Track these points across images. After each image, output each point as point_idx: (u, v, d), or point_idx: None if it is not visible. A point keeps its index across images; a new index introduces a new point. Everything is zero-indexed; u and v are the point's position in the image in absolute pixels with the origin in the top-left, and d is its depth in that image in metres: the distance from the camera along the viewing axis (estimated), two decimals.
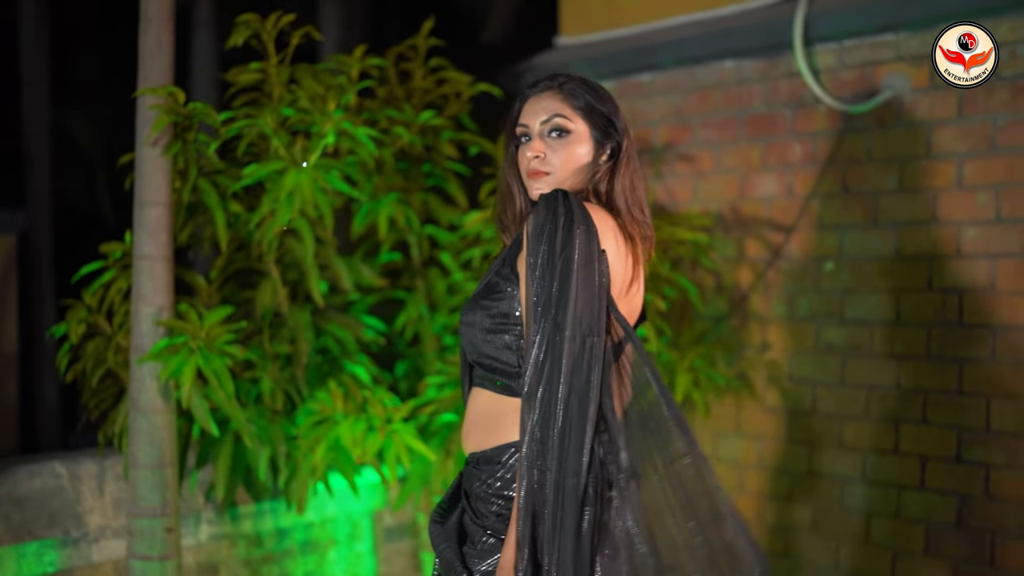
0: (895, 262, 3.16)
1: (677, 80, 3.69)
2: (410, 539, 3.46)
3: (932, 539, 3.07)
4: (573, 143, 1.88)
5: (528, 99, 1.93)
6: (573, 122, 1.88)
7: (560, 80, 1.92)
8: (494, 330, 1.85)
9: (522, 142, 1.92)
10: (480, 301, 1.87)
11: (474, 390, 1.93)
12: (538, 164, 1.87)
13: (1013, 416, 2.92)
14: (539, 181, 1.88)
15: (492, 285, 1.87)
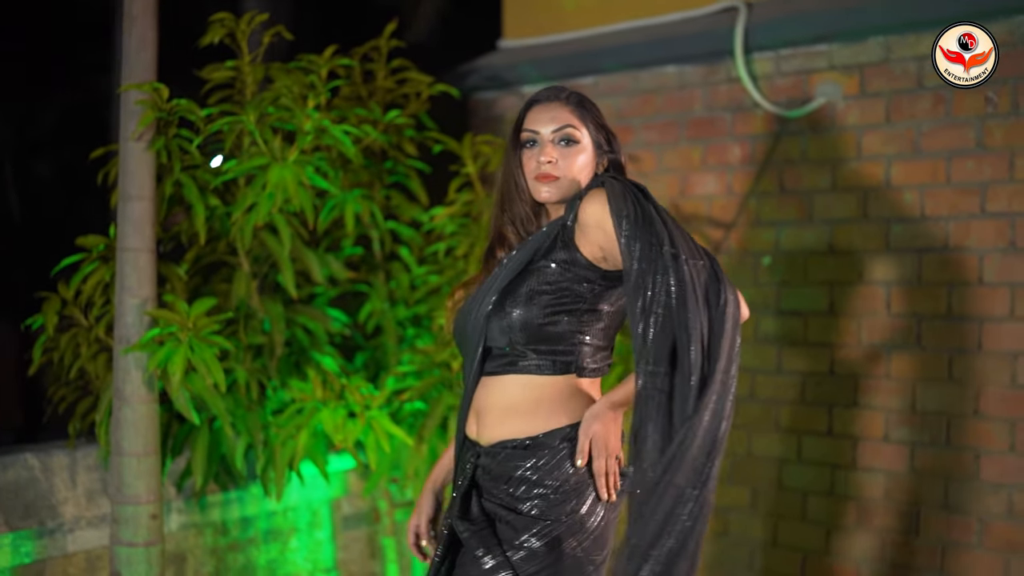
0: (828, 257, 3.39)
1: (620, 83, 3.86)
2: (367, 526, 3.55)
3: (863, 514, 3.31)
4: (579, 152, 2.04)
5: (534, 107, 2.08)
6: (580, 132, 2.04)
7: (565, 93, 2.09)
8: (556, 314, 1.98)
9: (527, 147, 2.06)
10: (528, 290, 1.99)
11: (505, 378, 2.03)
12: (550, 168, 2.01)
13: (936, 399, 3.17)
14: (548, 185, 2.02)
15: (543, 273, 1.99)
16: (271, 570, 3.26)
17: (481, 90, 4.19)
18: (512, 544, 1.96)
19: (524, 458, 2.00)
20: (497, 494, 2.02)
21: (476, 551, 1.97)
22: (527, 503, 1.98)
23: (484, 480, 2.05)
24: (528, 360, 2.01)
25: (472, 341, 2.07)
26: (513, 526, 1.98)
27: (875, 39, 3.26)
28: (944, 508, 3.16)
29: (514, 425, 2.02)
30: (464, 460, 2.13)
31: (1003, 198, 3.05)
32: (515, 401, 2.03)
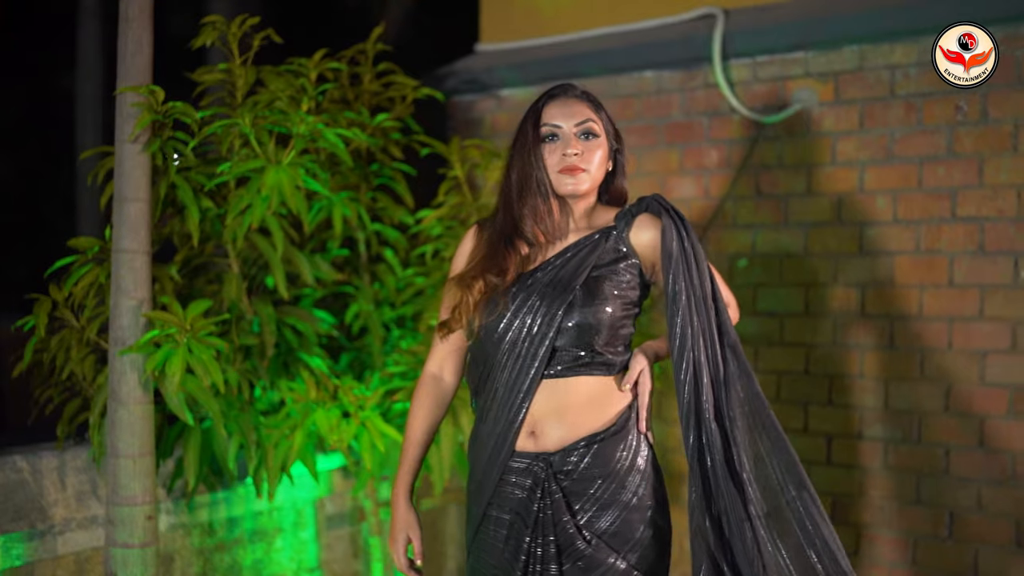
0: (803, 259, 3.48)
1: (599, 88, 3.91)
2: (350, 526, 3.58)
3: (838, 508, 3.41)
4: (599, 146, 2.11)
5: (552, 102, 2.13)
6: (598, 127, 2.11)
7: (579, 91, 2.15)
8: (626, 316, 2.09)
9: (547, 140, 2.10)
10: (605, 294, 2.04)
11: (573, 380, 2.05)
12: (577, 160, 2.07)
13: (908, 397, 3.28)
14: (573, 177, 2.07)
15: (612, 278, 2.06)
16: (256, 570, 3.27)
17: (459, 93, 4.23)
18: (625, 543, 2.03)
19: (618, 442, 2.06)
20: (595, 494, 2.04)
21: (608, 559, 2.01)
22: (627, 491, 2.05)
23: (577, 486, 2.04)
24: (598, 360, 2.06)
25: (529, 346, 2.04)
26: (618, 531, 2.03)
27: (849, 48, 3.36)
28: (916, 502, 3.26)
29: (597, 416, 2.06)
30: (531, 476, 2.06)
31: (972, 203, 3.16)
32: (583, 400, 2.06)
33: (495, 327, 2.08)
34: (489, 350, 2.10)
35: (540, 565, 2.04)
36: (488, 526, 2.13)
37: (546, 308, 2.04)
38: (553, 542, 2.03)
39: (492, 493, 2.11)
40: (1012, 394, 3.10)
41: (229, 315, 2.74)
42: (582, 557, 2.01)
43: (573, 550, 2.02)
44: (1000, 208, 3.11)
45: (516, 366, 2.05)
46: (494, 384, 2.09)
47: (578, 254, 2.09)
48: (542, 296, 2.06)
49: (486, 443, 2.11)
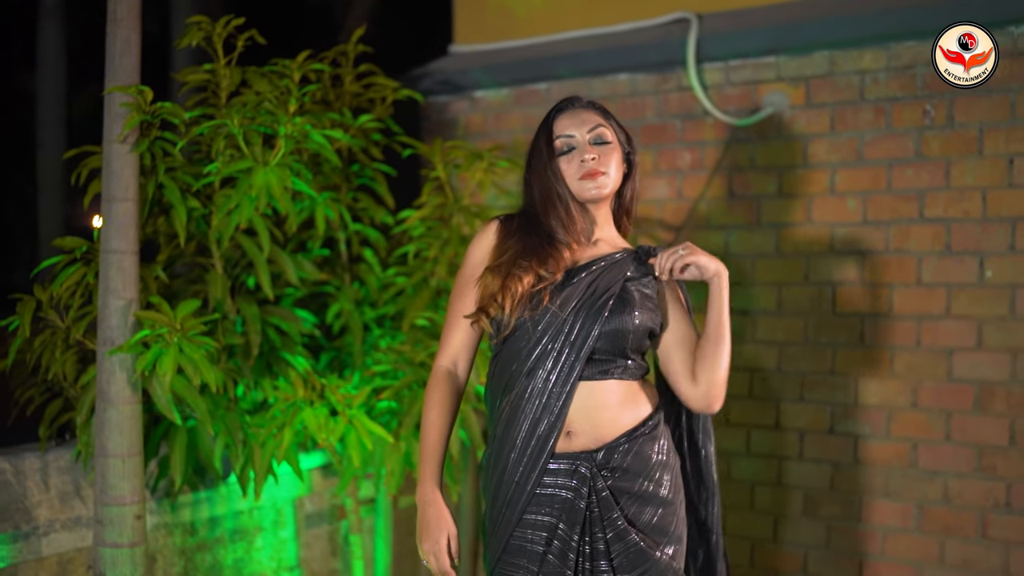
0: (775, 259, 3.56)
1: (573, 90, 3.97)
2: (327, 524, 3.60)
3: (809, 503, 3.49)
4: (614, 150, 2.18)
5: (561, 114, 2.20)
6: (610, 133, 2.17)
7: (584, 100, 2.22)
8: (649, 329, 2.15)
9: (562, 152, 2.15)
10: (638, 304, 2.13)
11: (604, 383, 2.11)
12: (595, 164, 2.12)
13: (877, 393, 3.37)
14: (594, 181, 2.13)
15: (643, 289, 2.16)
16: (237, 569, 3.28)
17: (433, 94, 4.26)
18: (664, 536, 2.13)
19: (653, 440, 2.14)
20: (635, 491, 2.10)
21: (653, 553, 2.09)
22: (664, 487, 2.14)
23: (622, 482, 2.09)
24: (627, 364, 2.14)
25: (572, 345, 2.07)
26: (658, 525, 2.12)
27: (820, 53, 3.44)
28: (885, 495, 3.35)
29: (631, 415, 2.13)
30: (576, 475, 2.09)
31: (940, 204, 3.26)
32: (614, 401, 2.12)
33: (538, 323, 2.08)
34: (526, 347, 2.09)
35: (590, 563, 2.08)
36: (524, 529, 2.10)
37: (587, 311, 2.08)
38: (602, 539, 2.07)
39: (531, 497, 2.10)
40: (978, 390, 3.20)
41: (218, 315, 2.74)
42: (634, 550, 2.07)
43: (625, 544, 2.08)
44: (966, 209, 3.21)
45: (556, 367, 2.06)
46: (530, 384, 2.08)
47: (614, 264, 2.16)
48: (583, 299, 2.09)
49: (524, 447, 2.08)
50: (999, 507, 3.17)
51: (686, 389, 2.17)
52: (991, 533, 3.19)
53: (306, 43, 3.35)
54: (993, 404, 3.18)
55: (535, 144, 2.21)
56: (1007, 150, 3.15)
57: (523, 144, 4.05)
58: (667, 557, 2.12)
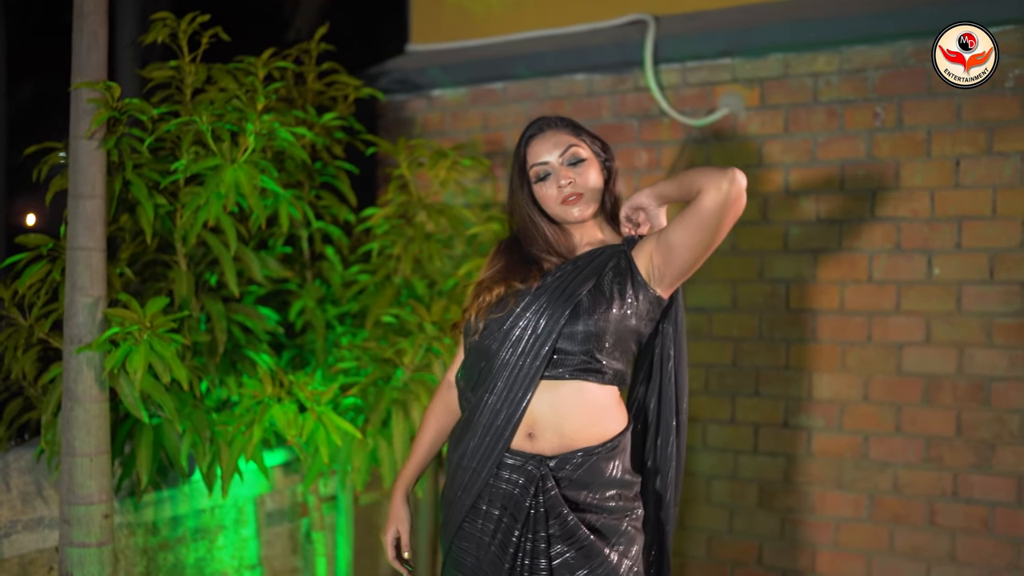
0: (731, 256, 3.64)
1: (530, 90, 4.02)
2: (288, 522, 3.59)
3: (764, 495, 3.58)
4: (589, 167, 2.20)
5: (532, 141, 2.23)
6: (583, 149, 2.20)
7: (552, 120, 2.25)
8: (626, 328, 2.14)
9: (540, 179, 2.20)
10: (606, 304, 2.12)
11: (568, 384, 2.12)
12: (572, 189, 2.16)
13: (830, 387, 3.47)
14: (575, 205, 2.18)
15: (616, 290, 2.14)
16: (199, 568, 3.27)
17: (390, 93, 4.27)
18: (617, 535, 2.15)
19: (610, 459, 2.14)
20: (584, 500, 2.13)
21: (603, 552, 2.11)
22: (613, 501, 2.15)
23: (571, 490, 2.13)
24: (592, 367, 2.12)
25: (532, 346, 2.11)
26: (604, 531, 2.13)
27: (775, 56, 3.53)
28: (838, 486, 3.45)
29: (594, 431, 2.14)
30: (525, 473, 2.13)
31: (890, 204, 3.36)
32: (582, 408, 2.13)
33: (502, 323, 2.16)
34: (493, 346, 2.16)
35: (530, 559, 2.12)
36: (476, 519, 2.18)
37: (551, 310, 2.12)
38: (544, 537, 2.11)
39: (484, 486, 2.17)
40: (926, 383, 3.31)
41: (187, 312, 2.73)
42: (586, 544, 2.11)
43: (574, 541, 2.11)
44: (915, 209, 3.32)
45: (519, 363, 2.12)
46: (494, 379, 2.14)
47: (591, 263, 2.18)
48: (550, 298, 2.14)
49: (483, 436, 2.15)
50: (946, 496, 3.29)
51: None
52: (939, 521, 3.30)
53: (255, 40, 3.35)
54: (940, 397, 3.29)
55: (511, 173, 2.27)
56: (953, 152, 3.26)
57: (480, 143, 4.09)
58: (618, 554, 2.13)
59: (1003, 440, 3.20)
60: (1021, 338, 3.17)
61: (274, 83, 3.01)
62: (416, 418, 2.96)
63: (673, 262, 2.11)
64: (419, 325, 2.97)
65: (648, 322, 2.19)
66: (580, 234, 2.27)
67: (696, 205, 2.04)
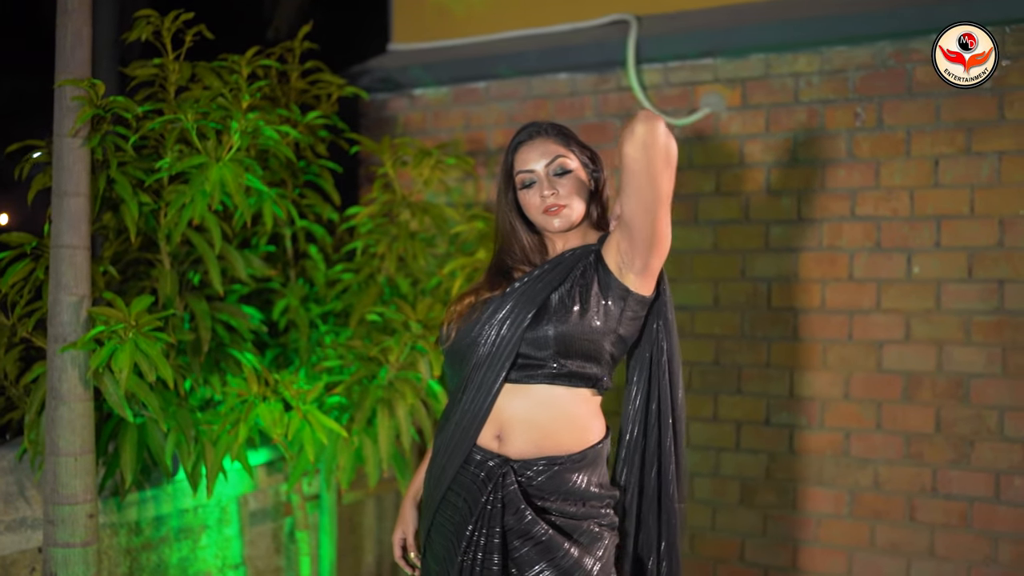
0: (713, 255, 3.66)
1: (513, 89, 4.02)
2: (272, 521, 3.58)
3: (746, 492, 3.61)
4: (575, 177, 2.20)
5: (521, 148, 2.23)
6: (571, 159, 2.20)
7: (543, 127, 2.24)
8: (591, 331, 2.11)
9: (525, 186, 2.20)
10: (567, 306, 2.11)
11: (533, 388, 2.13)
12: (555, 199, 2.16)
13: (811, 385, 3.50)
14: (557, 217, 2.17)
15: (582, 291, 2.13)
16: (182, 568, 3.25)
17: (372, 92, 4.26)
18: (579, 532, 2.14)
19: (575, 471, 2.14)
20: (547, 503, 2.14)
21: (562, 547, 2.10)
22: (574, 507, 2.15)
23: (531, 491, 2.14)
24: (559, 371, 2.12)
25: (497, 350, 2.14)
26: (568, 527, 2.14)
27: (756, 56, 3.56)
28: (819, 483, 3.48)
29: (556, 442, 2.14)
30: (487, 470, 2.16)
31: (870, 203, 3.39)
32: (549, 417, 2.13)
33: (470, 331, 2.20)
34: (465, 353, 2.21)
35: (482, 553, 2.12)
36: (446, 510, 2.23)
37: (514, 315, 2.14)
38: (499, 533, 2.12)
39: (453, 478, 2.20)
40: (906, 380, 3.34)
41: (173, 311, 2.72)
42: (544, 539, 2.10)
43: (532, 535, 2.11)
44: (895, 208, 3.36)
45: (486, 367, 2.15)
46: (465, 383, 2.19)
47: (557, 266, 2.19)
48: (515, 304, 2.15)
49: (453, 433, 2.20)
50: (926, 492, 3.32)
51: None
52: (918, 516, 3.33)
53: (234, 39, 3.33)
54: (920, 394, 3.32)
55: (499, 176, 2.28)
56: (933, 152, 3.30)
57: (462, 142, 4.09)
58: (580, 549, 2.12)
59: (981, 436, 3.24)
60: (999, 336, 3.21)
61: (258, 81, 3.00)
62: (401, 416, 2.96)
63: (633, 236, 2.07)
64: (404, 323, 2.97)
65: (628, 322, 2.16)
66: (563, 242, 2.28)
67: (622, 164, 2.02)
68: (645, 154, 1.98)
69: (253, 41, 3.33)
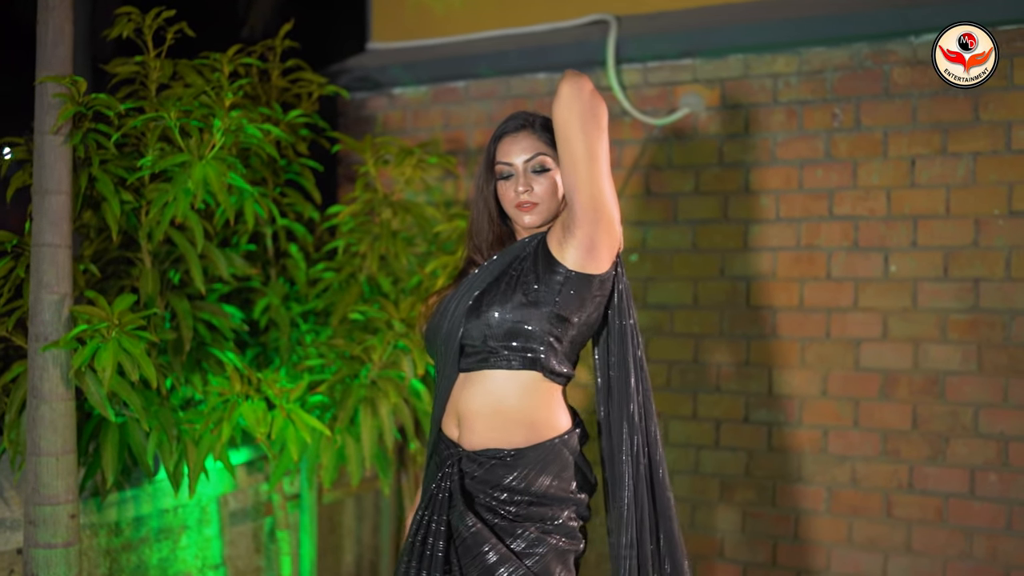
0: (692, 254, 3.69)
1: (492, 89, 4.03)
2: (251, 521, 3.57)
3: (725, 489, 3.63)
4: (552, 175, 2.20)
5: (504, 139, 2.23)
6: (551, 158, 2.19)
7: (530, 119, 2.24)
8: (528, 315, 2.10)
9: (503, 178, 2.22)
10: (504, 291, 2.13)
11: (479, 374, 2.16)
12: (528, 197, 2.18)
13: (790, 382, 3.53)
14: (529, 213, 2.19)
15: (520, 277, 2.14)
16: (162, 569, 3.23)
17: (351, 91, 4.26)
18: (510, 536, 2.13)
19: (510, 469, 2.14)
20: (484, 499, 2.16)
21: (483, 546, 2.10)
22: (512, 507, 2.14)
23: (471, 484, 2.17)
24: (499, 356, 2.13)
25: (449, 340, 2.19)
26: (501, 527, 2.14)
27: (735, 57, 3.58)
28: (798, 480, 3.51)
29: (500, 434, 2.15)
30: (444, 459, 2.23)
31: (848, 202, 3.43)
32: (496, 406, 2.14)
33: (433, 324, 2.28)
34: (434, 346, 2.29)
35: (432, 539, 2.18)
36: (425, 495, 2.30)
37: (460, 304, 2.19)
38: (446, 521, 2.17)
39: (428, 464, 2.33)
40: (883, 378, 3.38)
41: (156, 310, 2.71)
42: (470, 533, 2.13)
43: (460, 530, 2.15)
44: (872, 208, 3.40)
45: (444, 358, 2.22)
46: (438, 376, 2.27)
47: (505, 254, 2.22)
48: (464, 293, 2.21)
49: (432, 422, 2.31)
50: (902, 488, 3.36)
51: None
52: (895, 512, 3.37)
53: (209, 37, 3.32)
54: (897, 391, 3.36)
55: (481, 163, 2.29)
56: (909, 152, 3.34)
57: (442, 142, 4.09)
58: (501, 554, 2.09)
59: (956, 433, 3.29)
60: (974, 334, 3.26)
61: (239, 80, 2.99)
62: (384, 415, 2.97)
63: (573, 204, 2.04)
64: (387, 322, 2.97)
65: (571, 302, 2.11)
66: (530, 236, 2.28)
67: (556, 131, 2.05)
68: (571, 112, 2.01)
69: (227, 39, 3.31)
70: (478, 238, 2.30)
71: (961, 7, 3.16)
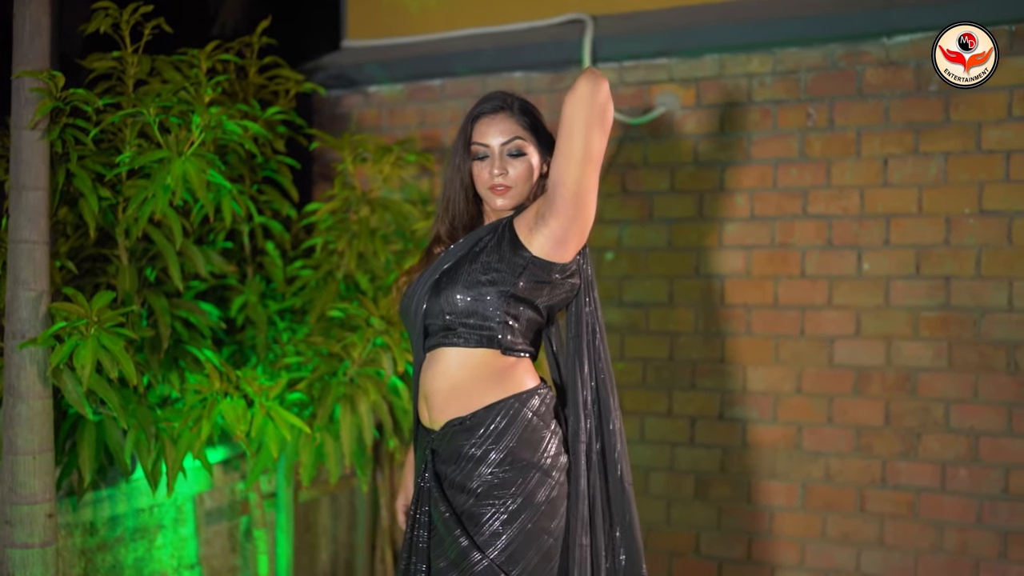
0: (667, 252, 3.71)
1: (468, 87, 4.04)
2: (227, 520, 3.55)
3: (701, 486, 3.66)
4: (526, 161, 2.22)
5: (482, 119, 2.23)
6: (527, 142, 2.21)
7: (508, 101, 2.24)
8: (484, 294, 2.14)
9: (478, 159, 2.21)
10: (465, 272, 2.16)
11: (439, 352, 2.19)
12: (502, 180, 2.18)
13: (764, 379, 3.56)
14: (502, 196, 2.20)
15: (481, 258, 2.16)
16: (138, 569, 3.21)
17: (326, 88, 4.24)
18: (475, 526, 2.11)
19: (467, 436, 2.15)
20: (452, 474, 2.16)
21: (453, 532, 2.11)
22: (475, 480, 2.12)
23: (440, 466, 2.18)
24: (456, 334, 2.16)
25: (415, 320, 2.23)
26: (469, 514, 2.12)
27: (710, 56, 3.61)
28: (772, 476, 3.55)
29: (457, 404, 2.17)
30: (423, 448, 2.26)
31: (821, 201, 3.47)
32: (454, 381, 2.17)
33: (401, 308, 2.34)
34: (408, 332, 2.35)
35: (422, 531, 2.21)
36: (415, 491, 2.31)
37: (423, 286, 2.23)
38: (428, 512, 2.21)
39: (417, 452, 2.34)
40: (856, 375, 3.43)
41: (135, 307, 2.69)
42: (435, 531, 2.17)
43: (433, 520, 2.19)
44: (845, 207, 3.44)
45: (413, 340, 2.29)
46: (414, 360, 2.32)
47: (470, 238, 2.24)
48: (428, 275, 2.24)
49: (413, 415, 2.33)
50: (876, 483, 3.41)
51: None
52: (868, 507, 3.42)
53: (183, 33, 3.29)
54: (870, 388, 3.41)
55: (456, 141, 2.28)
56: (882, 152, 3.38)
57: (417, 140, 4.09)
58: (467, 544, 2.09)
59: (928, 428, 3.34)
60: (945, 331, 3.31)
61: (217, 76, 2.98)
62: (363, 412, 2.96)
63: (555, 194, 2.05)
64: (366, 320, 2.97)
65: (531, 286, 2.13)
66: (498, 218, 2.30)
67: (560, 120, 2.08)
68: (582, 109, 2.03)
69: (197, 36, 3.29)
70: (454, 215, 2.29)
71: (935, 11, 3.21)
